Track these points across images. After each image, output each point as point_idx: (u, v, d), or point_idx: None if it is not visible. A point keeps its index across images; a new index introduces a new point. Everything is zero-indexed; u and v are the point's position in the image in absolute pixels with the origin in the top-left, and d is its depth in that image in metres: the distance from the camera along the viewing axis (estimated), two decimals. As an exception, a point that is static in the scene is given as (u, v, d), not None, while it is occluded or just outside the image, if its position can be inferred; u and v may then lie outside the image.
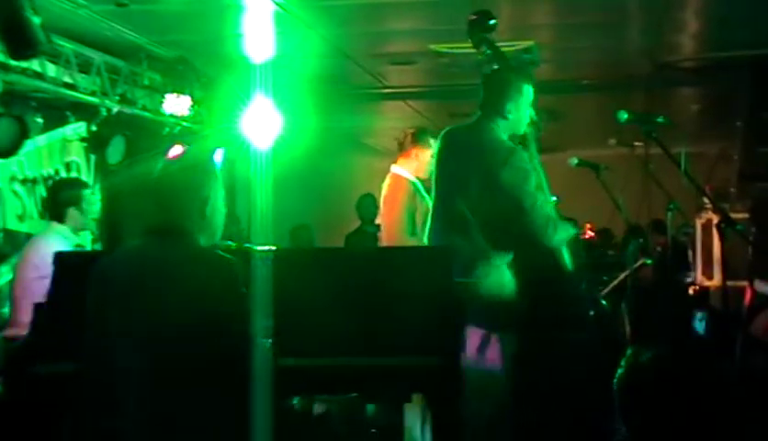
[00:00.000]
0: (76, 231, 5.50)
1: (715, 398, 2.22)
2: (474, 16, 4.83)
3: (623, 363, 2.15)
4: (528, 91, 4.64)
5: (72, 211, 5.38)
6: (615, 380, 2.12)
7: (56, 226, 5.37)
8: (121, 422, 2.93)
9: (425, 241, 4.82)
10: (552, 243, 4.52)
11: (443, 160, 4.71)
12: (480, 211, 4.46)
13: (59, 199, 5.47)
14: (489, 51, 4.77)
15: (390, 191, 6.26)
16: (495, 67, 4.77)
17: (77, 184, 5.76)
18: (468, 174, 4.54)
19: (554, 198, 5.89)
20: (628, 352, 2.16)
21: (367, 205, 8.96)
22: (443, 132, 4.78)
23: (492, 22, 4.80)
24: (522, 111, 4.62)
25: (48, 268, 4.30)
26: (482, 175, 4.47)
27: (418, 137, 6.29)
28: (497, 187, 4.42)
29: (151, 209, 3.14)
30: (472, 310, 3.94)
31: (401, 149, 6.32)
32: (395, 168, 6.31)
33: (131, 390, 2.92)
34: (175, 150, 7.27)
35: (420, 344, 3.34)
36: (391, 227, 6.24)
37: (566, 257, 4.72)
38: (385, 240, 6.46)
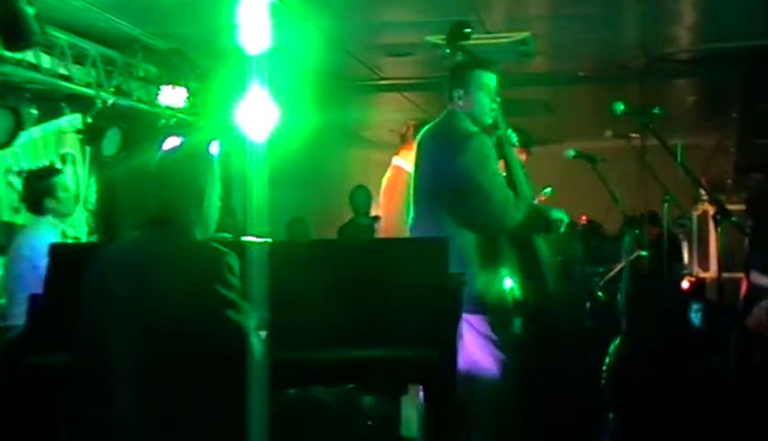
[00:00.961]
0: (61, 217, 5.47)
1: (702, 385, 2.22)
2: (452, 29, 5.00)
3: (611, 351, 2.15)
4: (481, 77, 4.72)
5: (50, 202, 5.33)
6: (604, 368, 2.12)
7: (41, 217, 5.35)
8: (118, 412, 2.93)
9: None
10: (515, 223, 4.56)
11: (418, 156, 4.82)
12: (445, 196, 4.52)
13: (33, 193, 5.44)
14: (465, 58, 4.89)
15: (390, 183, 6.27)
16: (457, 62, 4.87)
17: (47, 173, 5.65)
18: (435, 160, 4.65)
19: (548, 189, 5.91)
20: (616, 341, 2.16)
21: (360, 197, 8.95)
22: (422, 130, 4.87)
23: (468, 30, 4.97)
24: (483, 100, 4.72)
25: (39, 259, 4.29)
26: (442, 161, 4.58)
27: (420, 129, 6.30)
28: (455, 171, 4.48)
29: (147, 201, 3.14)
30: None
31: (403, 141, 6.32)
32: (396, 160, 6.31)
33: (128, 380, 2.92)
34: (171, 141, 7.28)
35: (416, 336, 3.34)
36: (390, 219, 6.26)
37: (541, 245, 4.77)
38: (384, 232, 6.49)
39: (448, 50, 4.98)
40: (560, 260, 5.89)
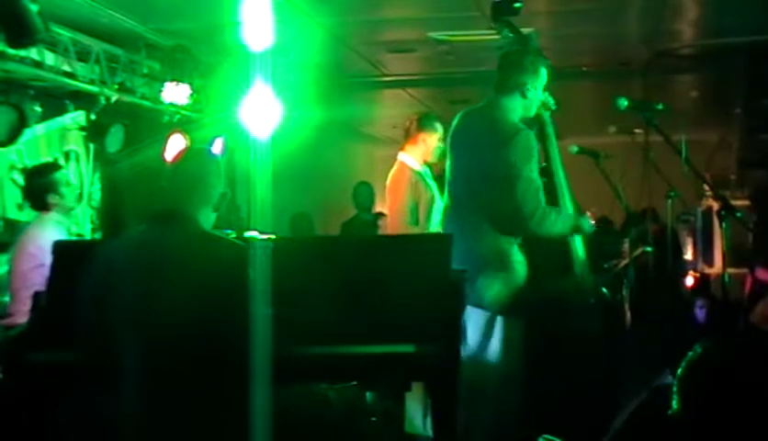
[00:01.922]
0: (65, 213, 5.46)
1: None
2: (498, 1, 4.86)
3: (690, 358, 2.09)
4: (544, 74, 4.67)
5: (51, 198, 5.32)
6: (678, 376, 2.08)
7: (46, 214, 5.35)
8: (122, 406, 2.93)
9: (438, 225, 4.85)
10: (539, 230, 4.52)
11: (455, 143, 4.72)
12: (484, 191, 4.49)
13: (35, 189, 5.44)
14: (510, 35, 4.81)
15: (393, 181, 6.25)
16: (514, 47, 4.79)
17: (47, 169, 5.64)
18: (476, 153, 4.56)
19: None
20: (697, 349, 2.10)
21: (363, 193, 8.97)
22: (459, 115, 4.79)
23: (518, 5, 4.86)
24: (537, 92, 4.67)
25: (44, 256, 4.29)
26: (487, 153, 4.50)
27: (423, 122, 6.27)
28: (499, 162, 4.44)
29: (155, 195, 3.16)
30: (478, 294, 3.96)
31: (407, 135, 6.29)
32: (402, 156, 6.28)
33: (133, 375, 2.93)
34: (175, 138, 7.29)
35: (419, 333, 3.34)
36: (394, 217, 6.25)
37: (577, 250, 4.74)
38: (390, 228, 6.48)
39: (495, 24, 4.88)
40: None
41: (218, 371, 2.91)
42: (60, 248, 3.83)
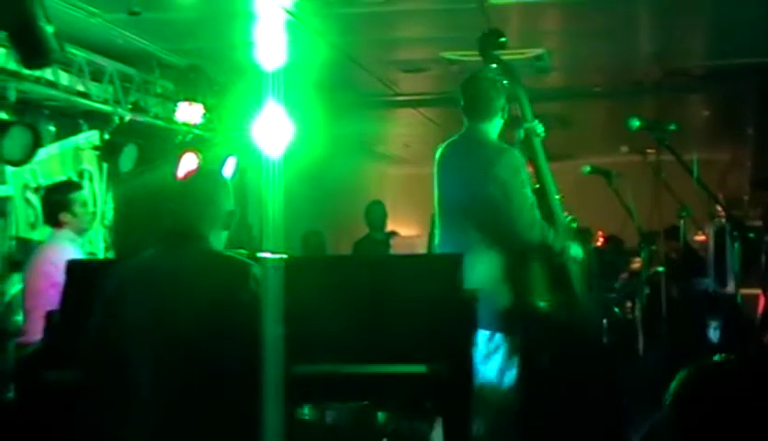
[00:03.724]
0: (78, 233, 5.48)
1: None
2: (484, 35, 4.94)
3: (682, 376, 2.07)
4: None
5: (65, 216, 5.34)
6: (670, 394, 2.06)
7: (59, 232, 5.36)
8: (135, 425, 2.94)
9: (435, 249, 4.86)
10: (537, 242, 4.54)
11: (442, 171, 4.75)
12: (475, 211, 4.51)
13: (50, 206, 5.46)
14: (497, 67, 4.87)
15: None
16: (474, 75, 4.86)
17: (65, 188, 5.66)
18: (464, 178, 4.60)
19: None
20: (690, 368, 2.08)
21: (376, 212, 8.96)
22: (442, 146, 4.83)
23: (503, 40, 4.98)
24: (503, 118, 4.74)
25: (58, 275, 4.30)
26: (475, 176, 4.53)
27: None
28: (490, 180, 4.46)
29: (169, 216, 3.18)
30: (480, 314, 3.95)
31: None
32: None
33: (146, 395, 2.93)
34: (188, 157, 7.32)
35: (430, 352, 3.34)
36: None
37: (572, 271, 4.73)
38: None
39: (481, 58, 4.97)
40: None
41: (231, 391, 2.91)
42: (73, 267, 3.84)
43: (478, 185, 4.54)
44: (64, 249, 5.17)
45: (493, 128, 4.69)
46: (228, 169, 7.62)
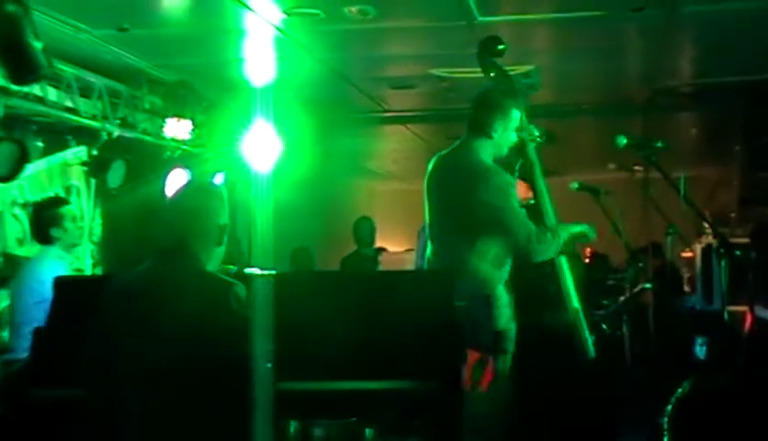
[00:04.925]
0: (68, 249, 5.47)
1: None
2: (484, 42, 4.91)
3: (678, 396, 2.06)
4: (516, 116, 4.67)
5: (56, 231, 5.33)
6: (667, 415, 2.06)
7: (48, 248, 5.35)
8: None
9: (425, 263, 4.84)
10: (537, 257, 4.53)
11: (431, 186, 4.73)
12: (467, 230, 4.49)
13: (40, 222, 5.45)
14: (496, 75, 4.84)
15: None
16: (487, 88, 4.83)
17: (54, 203, 5.67)
18: (453, 195, 4.57)
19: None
20: (685, 386, 2.08)
21: (364, 228, 8.96)
22: (434, 158, 4.80)
23: (501, 47, 4.89)
24: (506, 134, 4.65)
25: (46, 292, 4.28)
26: (464, 195, 4.51)
27: None
28: (477, 206, 4.45)
29: (162, 230, 3.17)
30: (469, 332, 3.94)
31: None
32: None
33: (135, 411, 2.92)
34: (177, 174, 7.31)
35: (420, 369, 3.34)
36: None
37: (567, 284, 4.72)
38: None
39: (480, 66, 4.90)
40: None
41: (220, 407, 2.90)
42: (61, 284, 3.83)
43: (467, 209, 4.49)
44: (52, 266, 5.16)
45: (484, 145, 4.60)
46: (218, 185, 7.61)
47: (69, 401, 3.23)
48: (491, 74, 4.89)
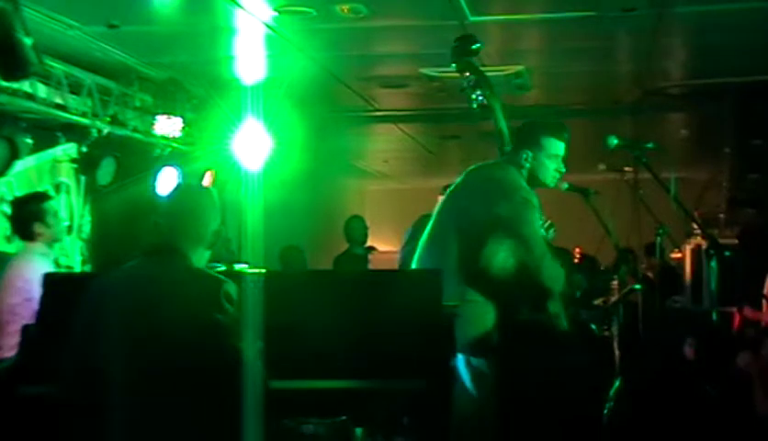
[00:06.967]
0: (51, 244, 5.42)
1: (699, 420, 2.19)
2: (457, 42, 4.86)
3: (612, 394, 2.10)
4: (553, 145, 4.62)
5: (39, 227, 5.28)
6: (605, 412, 2.09)
7: (31, 245, 5.30)
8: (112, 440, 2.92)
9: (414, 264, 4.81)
10: (546, 280, 4.47)
11: (452, 193, 4.68)
12: (470, 243, 4.43)
13: (22, 217, 5.38)
14: (473, 76, 4.79)
15: None
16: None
17: (36, 198, 5.57)
18: (469, 204, 4.53)
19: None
20: (616, 384, 2.12)
21: (355, 227, 8.95)
22: (467, 170, 4.73)
23: (476, 46, 4.82)
24: (540, 162, 4.60)
25: (32, 290, 4.26)
26: (481, 206, 4.46)
27: None
28: (495, 220, 4.39)
29: (153, 229, 3.16)
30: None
31: None
32: None
33: (123, 409, 2.92)
34: (166, 171, 7.30)
35: (409, 368, 3.34)
36: None
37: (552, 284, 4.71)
38: None
39: (455, 66, 4.82)
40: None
41: (209, 405, 2.90)
42: (50, 281, 3.82)
43: (487, 216, 4.39)
44: (36, 264, 5.10)
45: (519, 171, 4.55)
46: (206, 183, 7.61)
47: (57, 398, 3.21)
48: (466, 74, 4.82)
